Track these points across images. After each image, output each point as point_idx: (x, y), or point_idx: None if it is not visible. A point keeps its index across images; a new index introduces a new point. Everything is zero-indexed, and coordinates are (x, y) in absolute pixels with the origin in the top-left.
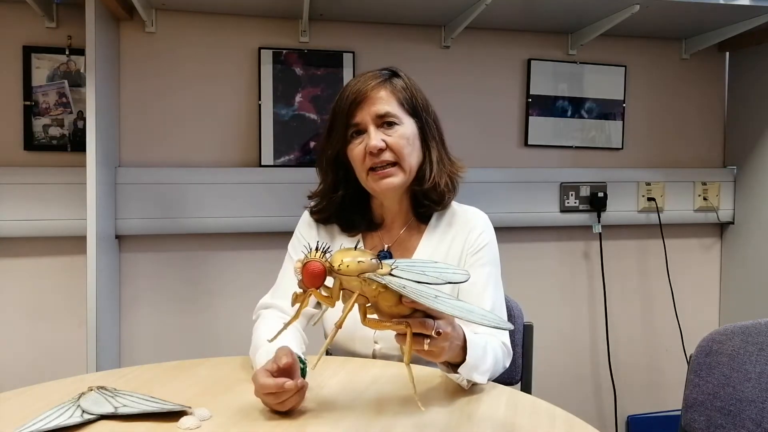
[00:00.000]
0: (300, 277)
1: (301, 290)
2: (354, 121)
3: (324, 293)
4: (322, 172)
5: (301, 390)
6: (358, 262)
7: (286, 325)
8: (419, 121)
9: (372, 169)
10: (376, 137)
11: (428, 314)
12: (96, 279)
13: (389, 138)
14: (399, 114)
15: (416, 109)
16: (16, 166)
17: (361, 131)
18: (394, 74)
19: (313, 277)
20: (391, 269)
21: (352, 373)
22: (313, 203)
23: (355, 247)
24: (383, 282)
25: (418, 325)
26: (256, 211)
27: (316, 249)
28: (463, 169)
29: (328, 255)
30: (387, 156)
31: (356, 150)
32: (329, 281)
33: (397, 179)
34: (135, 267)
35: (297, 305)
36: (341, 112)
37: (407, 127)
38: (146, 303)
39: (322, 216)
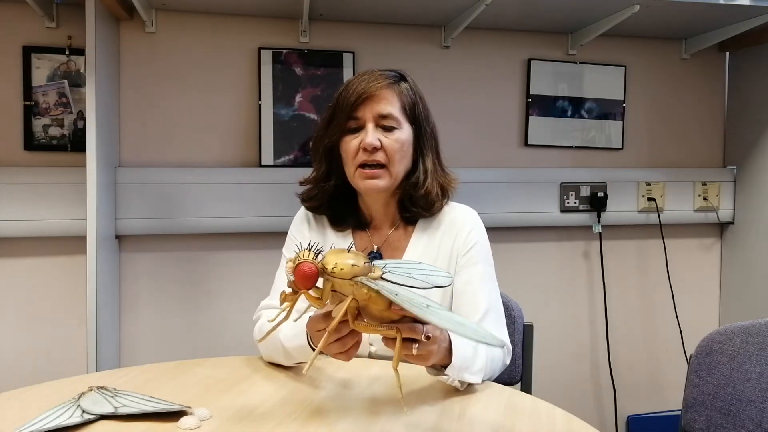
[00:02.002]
0: (292, 278)
1: (291, 290)
2: (355, 115)
3: (314, 294)
4: (317, 160)
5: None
6: (352, 265)
7: (277, 324)
8: (417, 129)
9: (361, 166)
10: (372, 135)
11: (417, 319)
12: (96, 279)
13: (385, 139)
14: (399, 118)
15: (417, 116)
16: (16, 166)
17: (360, 127)
18: (402, 78)
19: (305, 279)
20: (383, 273)
21: (350, 374)
22: (304, 190)
23: (348, 249)
24: (376, 288)
25: (408, 330)
26: (256, 211)
27: (308, 249)
28: (456, 182)
29: (320, 256)
30: (379, 156)
31: (351, 144)
32: (319, 282)
33: (382, 182)
34: (135, 267)
35: (286, 304)
36: (345, 105)
37: (404, 132)
38: (146, 303)
39: (314, 204)
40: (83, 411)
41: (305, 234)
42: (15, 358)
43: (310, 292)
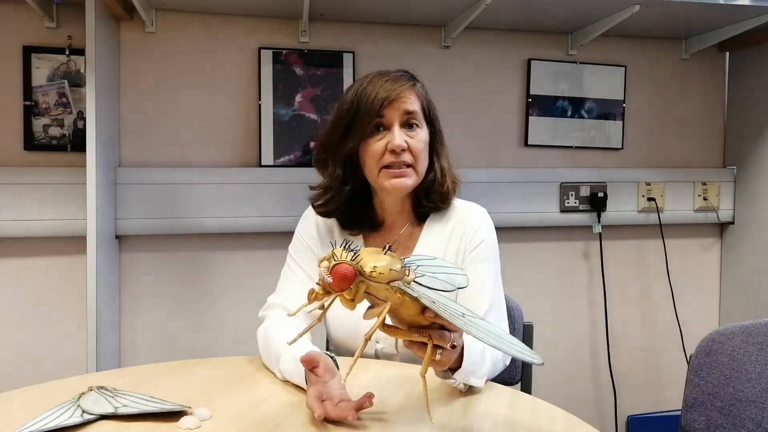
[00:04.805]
0: (329, 279)
1: (321, 289)
2: (381, 116)
3: (347, 295)
4: (331, 166)
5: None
6: (390, 270)
7: (307, 328)
8: (432, 129)
9: (386, 167)
10: (400, 136)
11: (444, 326)
12: (96, 279)
13: (411, 140)
14: (421, 117)
15: (432, 116)
16: (16, 166)
17: (382, 128)
18: (415, 78)
19: (342, 281)
20: (415, 276)
21: (351, 373)
22: (315, 195)
23: (385, 251)
24: (415, 295)
25: (438, 337)
26: (256, 211)
27: (344, 248)
28: (461, 176)
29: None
30: (406, 157)
31: (375, 146)
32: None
33: (410, 180)
34: (135, 267)
35: (313, 304)
36: (370, 109)
37: (424, 132)
38: (146, 303)
39: (328, 209)
40: (83, 411)
41: (313, 234)
42: (15, 358)
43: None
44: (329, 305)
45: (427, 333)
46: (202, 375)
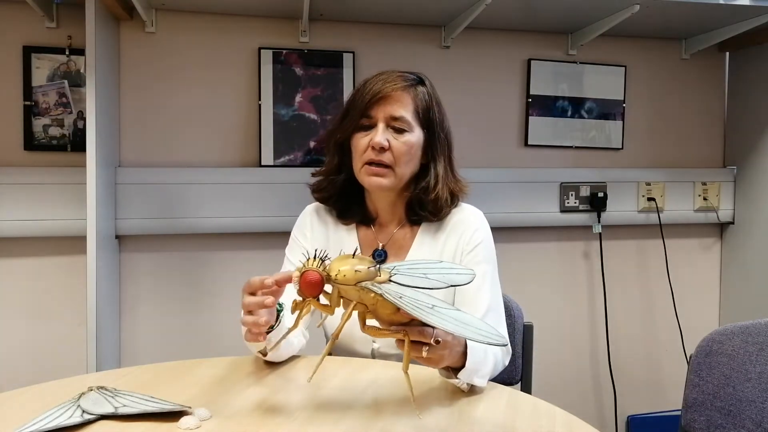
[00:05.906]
0: (298, 287)
1: (301, 298)
2: (368, 114)
3: (323, 301)
4: (329, 153)
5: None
6: (356, 271)
7: (286, 333)
8: (429, 134)
9: (367, 163)
10: (382, 135)
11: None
12: (96, 279)
13: (394, 141)
14: (411, 121)
15: (431, 121)
16: (16, 166)
17: (371, 125)
18: (420, 82)
19: (310, 287)
20: (390, 276)
21: (351, 374)
22: (315, 181)
23: (353, 254)
24: (379, 292)
25: (416, 334)
26: (256, 211)
27: (314, 257)
28: (467, 188)
29: (326, 262)
30: (386, 157)
31: (361, 141)
32: (329, 288)
33: (386, 180)
34: (135, 267)
35: (297, 313)
36: (359, 103)
37: (415, 135)
38: (146, 303)
39: (323, 195)
40: (83, 411)
41: (307, 235)
42: (15, 358)
43: (321, 299)
44: (303, 312)
45: (404, 330)
46: (202, 375)
